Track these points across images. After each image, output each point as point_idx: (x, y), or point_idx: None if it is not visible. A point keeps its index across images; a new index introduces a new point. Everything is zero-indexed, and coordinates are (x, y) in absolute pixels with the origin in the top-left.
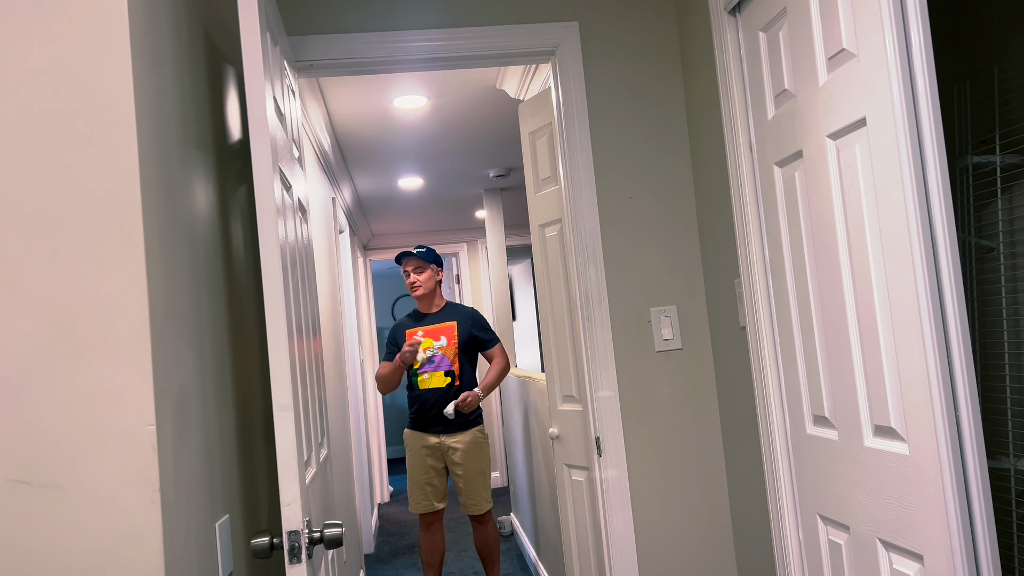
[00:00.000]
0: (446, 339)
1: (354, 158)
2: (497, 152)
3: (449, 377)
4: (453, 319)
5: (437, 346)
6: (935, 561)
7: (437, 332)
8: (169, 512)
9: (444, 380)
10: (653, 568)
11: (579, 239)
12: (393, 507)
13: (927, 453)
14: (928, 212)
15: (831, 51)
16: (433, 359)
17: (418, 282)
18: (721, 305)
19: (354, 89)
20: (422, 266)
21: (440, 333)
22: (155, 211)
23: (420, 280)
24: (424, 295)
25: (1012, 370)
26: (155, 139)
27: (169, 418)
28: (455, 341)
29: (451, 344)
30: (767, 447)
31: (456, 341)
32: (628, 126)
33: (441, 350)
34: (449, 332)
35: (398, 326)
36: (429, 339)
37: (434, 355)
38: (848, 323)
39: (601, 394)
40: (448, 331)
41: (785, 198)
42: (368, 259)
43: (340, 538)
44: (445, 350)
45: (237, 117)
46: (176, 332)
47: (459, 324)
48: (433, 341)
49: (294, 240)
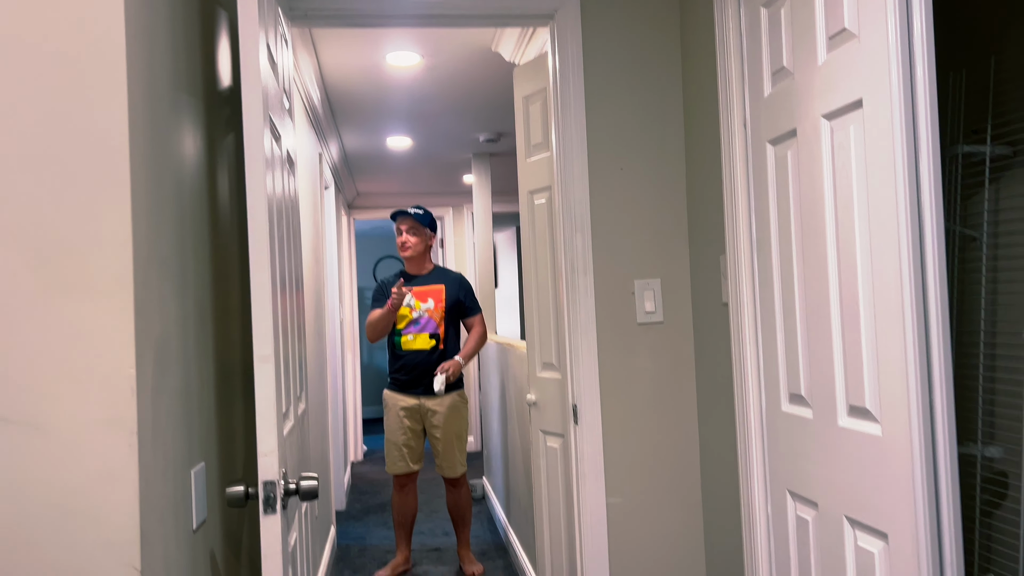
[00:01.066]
0: (434, 302)
1: (343, 114)
2: (488, 116)
3: (434, 340)
4: (442, 283)
5: (424, 308)
6: (899, 540)
7: (425, 294)
8: (146, 455)
9: (429, 343)
10: (623, 535)
11: (568, 208)
12: (366, 466)
13: (899, 435)
14: (918, 199)
15: (832, 30)
16: (419, 320)
17: (409, 243)
18: (705, 281)
19: (347, 42)
20: (416, 228)
21: (428, 295)
22: (142, 153)
23: (412, 242)
24: (413, 257)
25: (986, 359)
26: (145, 80)
27: (149, 362)
28: (442, 305)
29: (438, 307)
30: (741, 423)
31: (444, 305)
32: (623, 96)
33: (428, 312)
34: (437, 295)
35: (385, 285)
36: (416, 300)
37: (420, 316)
38: (830, 304)
39: (581, 363)
40: (436, 294)
41: (776, 176)
42: (352, 218)
43: (315, 491)
44: (432, 313)
45: (228, 64)
46: (159, 276)
47: (447, 288)
48: (420, 303)
49: (281, 192)
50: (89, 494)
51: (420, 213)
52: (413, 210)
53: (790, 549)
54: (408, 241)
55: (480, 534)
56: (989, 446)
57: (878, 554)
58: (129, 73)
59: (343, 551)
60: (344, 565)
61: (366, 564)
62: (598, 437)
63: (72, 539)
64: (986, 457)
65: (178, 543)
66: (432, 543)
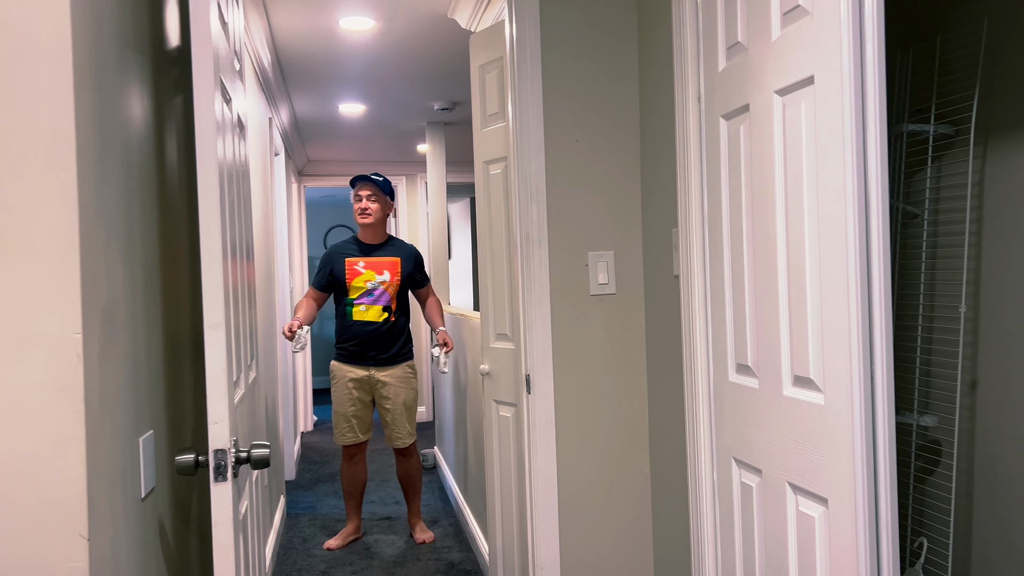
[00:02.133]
0: (389, 274)
1: (295, 79)
2: (443, 84)
3: (386, 313)
4: (397, 255)
5: (379, 280)
6: (839, 504)
7: (380, 266)
8: (93, 423)
9: (381, 315)
10: (572, 502)
11: (523, 179)
12: (316, 436)
13: (841, 404)
14: (865, 175)
15: (786, 7)
16: (373, 292)
17: (370, 210)
18: (657, 253)
19: (299, 5)
20: (378, 195)
21: (383, 267)
22: (88, 113)
23: (372, 208)
24: (372, 224)
25: (924, 331)
26: (91, 36)
27: (96, 328)
28: (398, 279)
29: (394, 280)
30: (690, 392)
31: (398, 278)
32: (580, 67)
33: (383, 285)
34: (393, 268)
35: (336, 253)
36: (371, 271)
37: (375, 288)
38: (778, 277)
39: (534, 334)
40: (392, 267)
41: (728, 151)
42: (303, 185)
43: (267, 459)
44: (387, 285)
45: (177, 23)
46: (106, 240)
47: (403, 261)
48: (375, 275)
49: (231, 156)
50: (36, 459)
51: (382, 180)
52: (375, 176)
53: (735, 515)
54: (369, 208)
55: (431, 503)
56: (925, 415)
57: (819, 518)
58: (74, 29)
59: (293, 520)
60: (294, 534)
61: (316, 533)
62: (550, 406)
63: (18, 507)
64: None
65: (126, 511)
66: (383, 512)
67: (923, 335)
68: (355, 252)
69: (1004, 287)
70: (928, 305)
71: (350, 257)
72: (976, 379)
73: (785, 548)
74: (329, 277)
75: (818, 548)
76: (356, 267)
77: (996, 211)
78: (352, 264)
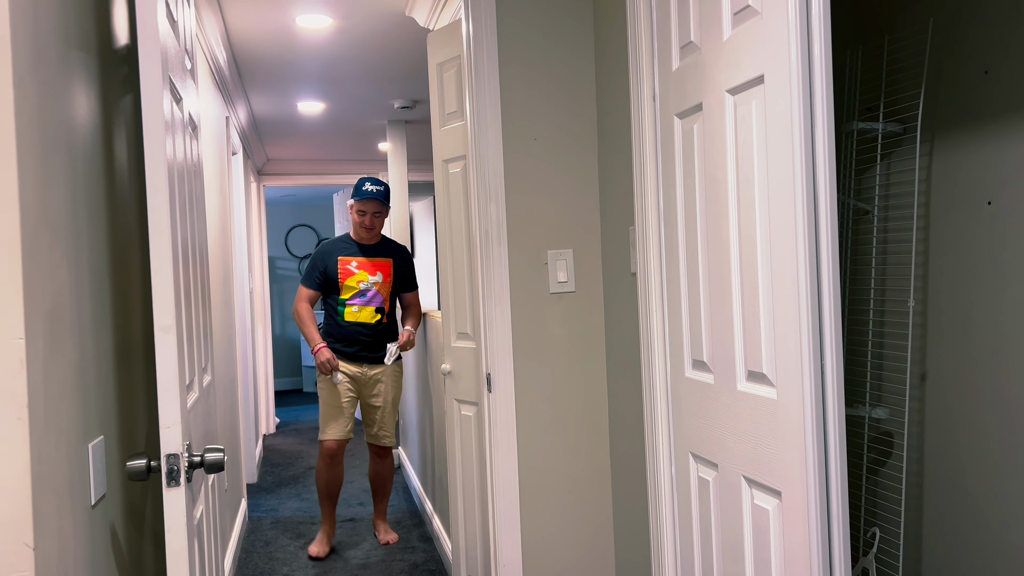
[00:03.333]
0: (382, 276)
1: (251, 76)
2: (403, 82)
3: (379, 314)
4: (390, 256)
5: (372, 280)
6: (792, 497)
7: (374, 267)
8: (37, 429)
9: (374, 316)
10: (533, 500)
11: (482, 177)
12: (278, 438)
13: (793, 398)
14: (813, 172)
15: (737, 6)
16: (366, 293)
17: (375, 227)
18: (615, 251)
19: (255, 2)
20: (383, 212)
21: (377, 268)
22: (29, 111)
23: (377, 225)
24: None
25: (875, 325)
26: (30, 33)
27: (40, 332)
28: (391, 280)
29: (387, 282)
30: (648, 388)
31: (391, 280)
32: (537, 67)
33: (376, 286)
34: (386, 269)
35: (329, 251)
36: (364, 272)
37: (368, 289)
38: (731, 274)
39: (495, 332)
40: (385, 268)
41: (683, 149)
42: (262, 184)
43: (221, 463)
44: (381, 287)
45: (125, 20)
46: (50, 243)
47: (395, 262)
48: (369, 275)
49: (183, 156)
50: None
51: (383, 191)
52: (375, 188)
53: (692, 509)
54: (374, 225)
55: (396, 503)
56: (877, 408)
57: (773, 511)
58: (13, 26)
59: (255, 523)
60: (256, 537)
61: (278, 536)
62: (511, 404)
63: None
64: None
65: (74, 518)
66: (346, 513)
67: (874, 329)
68: (349, 251)
69: (951, 281)
70: (879, 300)
71: (343, 256)
72: (925, 372)
73: (741, 541)
74: (322, 276)
75: (772, 540)
76: (349, 266)
77: (943, 207)
78: (345, 263)
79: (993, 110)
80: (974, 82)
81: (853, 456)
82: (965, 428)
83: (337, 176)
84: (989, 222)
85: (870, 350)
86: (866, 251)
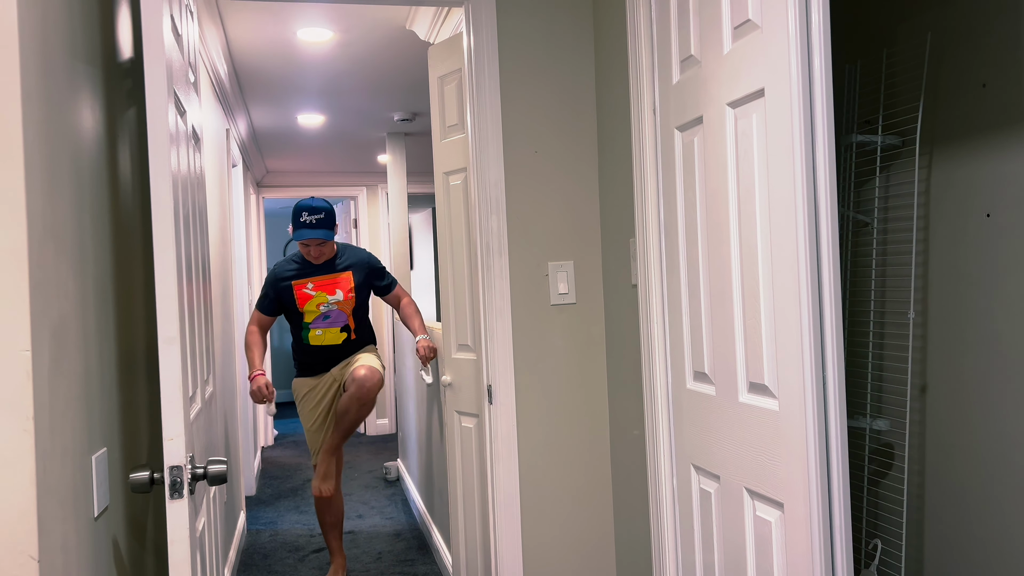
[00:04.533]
0: (342, 292)
1: (252, 89)
2: (403, 95)
3: (345, 333)
4: (348, 268)
5: (332, 300)
6: (794, 509)
7: (331, 285)
8: (43, 441)
9: (339, 336)
10: (535, 512)
11: (483, 190)
12: (277, 450)
13: (795, 410)
14: (814, 185)
15: (737, 20)
16: (329, 315)
17: (322, 255)
18: (616, 263)
19: (256, 16)
20: (324, 242)
21: (335, 286)
22: (36, 124)
23: (326, 252)
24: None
25: (875, 337)
26: (39, 47)
27: (46, 344)
28: (352, 294)
29: (348, 298)
30: (649, 400)
31: (353, 294)
32: (538, 80)
33: (338, 305)
34: (345, 284)
35: (280, 276)
36: (323, 292)
37: (329, 311)
38: (732, 286)
39: (496, 344)
40: (344, 283)
41: (683, 162)
42: (261, 196)
43: (224, 475)
44: (342, 305)
45: (129, 34)
46: (56, 254)
47: (355, 274)
48: (328, 296)
49: (186, 168)
50: None
51: (322, 219)
52: (312, 218)
53: (694, 520)
54: (322, 254)
55: (395, 516)
56: (877, 419)
57: (775, 523)
58: (22, 40)
59: (253, 536)
60: (254, 551)
61: (277, 550)
62: (512, 416)
63: None
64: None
65: (78, 531)
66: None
67: (875, 341)
68: (302, 273)
69: (951, 293)
70: (879, 311)
71: (297, 280)
72: (926, 383)
73: (743, 553)
74: (275, 303)
75: (775, 552)
76: (305, 290)
77: (942, 219)
78: (301, 287)
79: (991, 123)
80: (972, 95)
81: (854, 468)
82: (965, 439)
83: (337, 188)
84: (988, 234)
85: (870, 361)
86: (866, 263)
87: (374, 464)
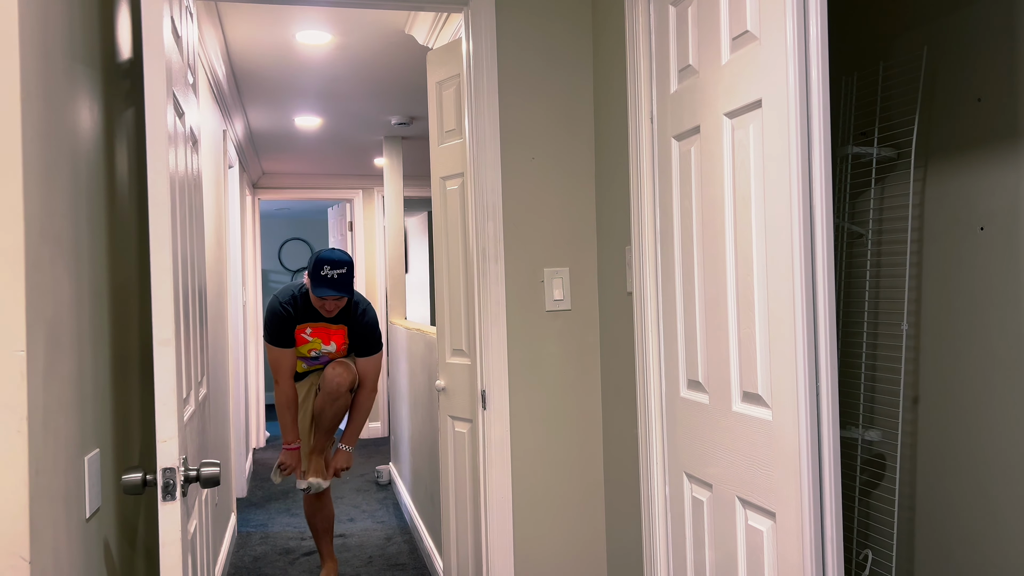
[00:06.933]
0: (335, 344)
1: (250, 91)
2: (401, 99)
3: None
4: (345, 323)
5: (325, 349)
6: (786, 518)
7: (328, 335)
8: (36, 442)
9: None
10: (527, 518)
11: (480, 195)
12: (269, 452)
13: (788, 419)
14: (810, 196)
15: (736, 32)
16: (319, 359)
17: (336, 309)
18: (611, 270)
19: (255, 18)
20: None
21: (331, 337)
22: (35, 125)
23: (339, 306)
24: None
25: (868, 348)
26: (39, 47)
27: (41, 345)
28: (344, 346)
29: (340, 350)
30: (643, 408)
31: (345, 348)
32: (536, 87)
33: (329, 355)
34: (339, 337)
35: (284, 318)
36: (318, 339)
37: (319, 356)
38: (727, 295)
39: (490, 349)
40: (338, 336)
41: (680, 171)
42: (257, 198)
43: (217, 477)
44: (334, 356)
45: (128, 34)
46: (52, 254)
47: (350, 329)
48: (322, 344)
49: (184, 170)
50: None
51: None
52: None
53: (686, 529)
54: (335, 309)
55: (386, 520)
56: (869, 430)
57: (767, 532)
58: (22, 41)
59: (244, 538)
60: (245, 552)
61: (267, 552)
62: (506, 422)
63: None
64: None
65: (69, 532)
66: (336, 529)
67: (868, 351)
68: (305, 318)
69: (944, 305)
70: (872, 323)
71: (299, 324)
72: (918, 394)
73: (735, 561)
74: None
75: (766, 562)
76: (303, 334)
77: (936, 232)
78: (300, 331)
79: (986, 137)
80: (968, 109)
81: (846, 478)
82: (957, 450)
83: (332, 191)
84: (982, 248)
85: (863, 372)
86: (860, 274)
87: (366, 468)
